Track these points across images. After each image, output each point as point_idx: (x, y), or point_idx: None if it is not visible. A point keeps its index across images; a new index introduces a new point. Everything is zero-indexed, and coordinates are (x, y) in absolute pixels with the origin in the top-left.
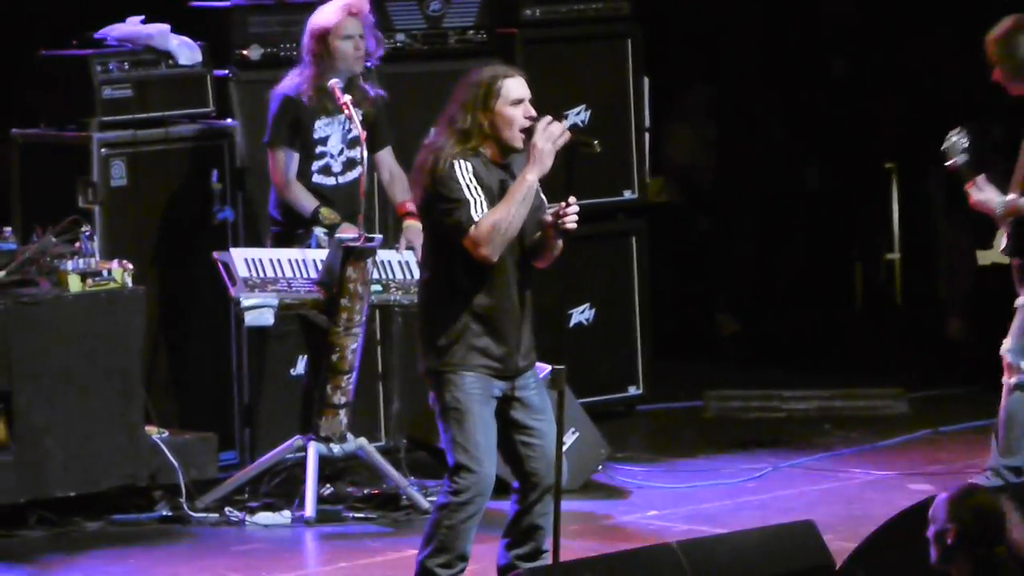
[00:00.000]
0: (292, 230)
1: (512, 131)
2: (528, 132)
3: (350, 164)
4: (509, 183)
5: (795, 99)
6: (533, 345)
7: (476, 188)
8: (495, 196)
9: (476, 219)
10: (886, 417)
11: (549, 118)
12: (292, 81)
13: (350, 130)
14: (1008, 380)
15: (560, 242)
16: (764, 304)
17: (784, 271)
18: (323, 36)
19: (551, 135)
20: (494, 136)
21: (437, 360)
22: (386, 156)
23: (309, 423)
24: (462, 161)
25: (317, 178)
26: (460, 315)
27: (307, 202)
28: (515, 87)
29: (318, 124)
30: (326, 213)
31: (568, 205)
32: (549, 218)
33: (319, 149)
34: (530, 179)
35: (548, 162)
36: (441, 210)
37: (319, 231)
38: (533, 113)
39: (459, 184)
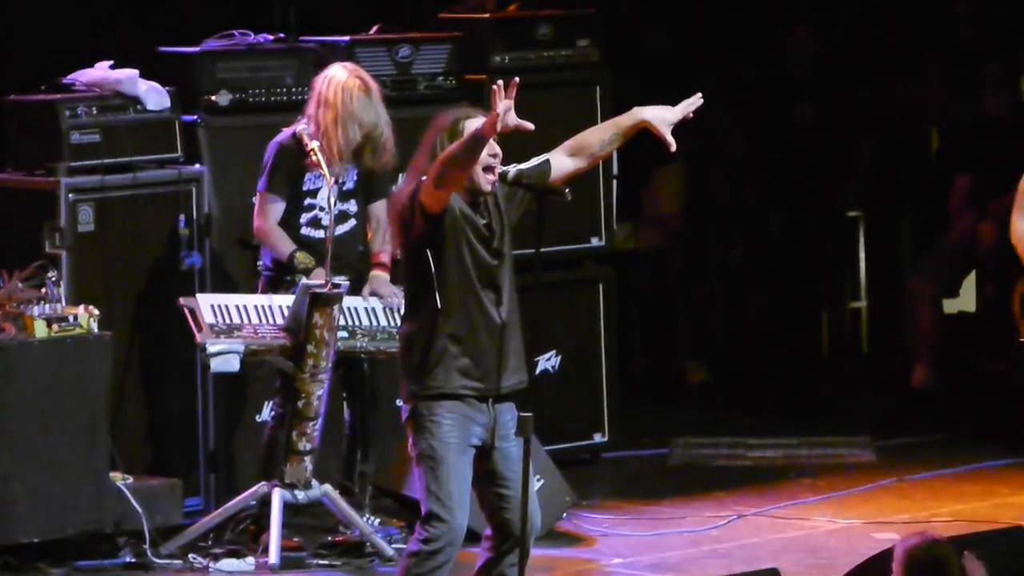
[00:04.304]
0: (281, 276)
1: (478, 169)
2: (502, 177)
3: (343, 217)
4: (477, 220)
5: (761, 143)
6: (522, 364)
7: None
8: (463, 226)
9: None
10: (852, 465)
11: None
12: (290, 130)
13: (344, 183)
14: None
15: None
16: (731, 352)
17: (751, 318)
18: (334, 92)
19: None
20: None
21: (418, 385)
22: (378, 208)
23: (271, 469)
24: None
25: (306, 230)
26: (438, 340)
27: (284, 246)
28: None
29: (309, 176)
30: (301, 258)
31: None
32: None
33: (308, 201)
34: (476, 125)
35: (494, 117)
36: (406, 212)
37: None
38: (497, 151)
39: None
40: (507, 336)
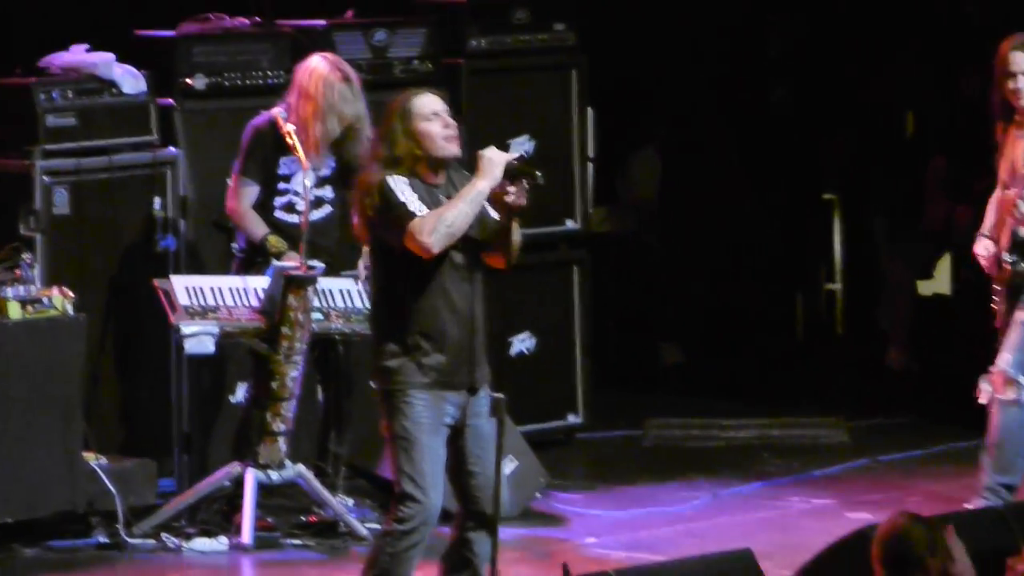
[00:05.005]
0: (253, 258)
1: (435, 142)
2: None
3: (317, 203)
4: (444, 200)
5: (736, 127)
6: (486, 360)
7: (413, 195)
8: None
9: (418, 214)
10: (825, 446)
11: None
12: (268, 113)
13: (320, 169)
14: (1004, 395)
15: (516, 228)
16: (705, 333)
17: (725, 300)
18: (315, 84)
19: (500, 152)
20: (424, 156)
21: (388, 381)
22: None
23: (244, 450)
24: (395, 176)
25: (280, 214)
26: (410, 334)
27: (257, 229)
28: (426, 102)
29: (283, 160)
30: (273, 241)
31: (511, 185)
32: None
33: (281, 185)
34: (480, 185)
35: (497, 172)
36: (381, 220)
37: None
38: (452, 123)
39: (395, 192)
40: (478, 329)
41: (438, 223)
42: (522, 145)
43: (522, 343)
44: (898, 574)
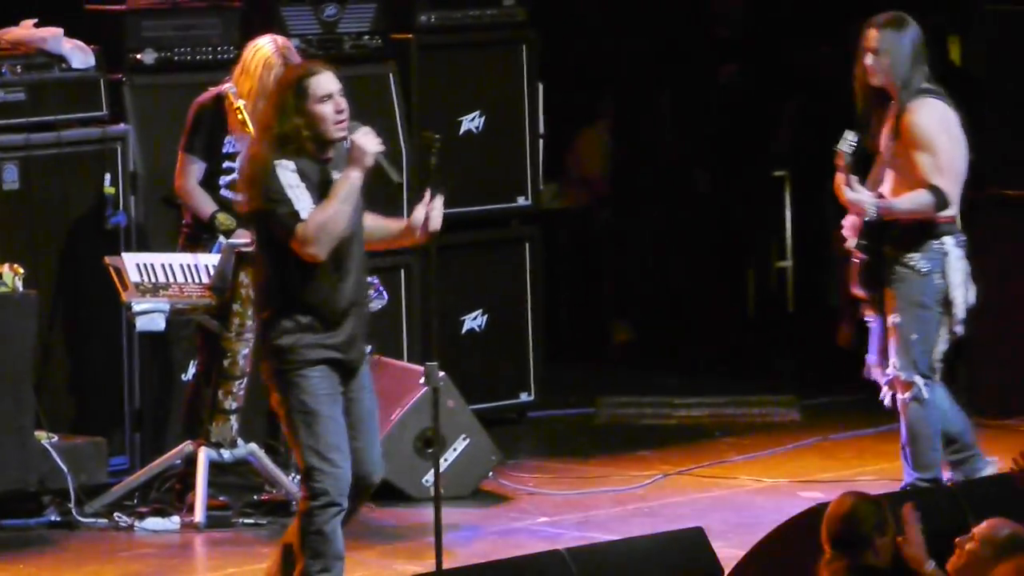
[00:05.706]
0: (199, 234)
1: (326, 125)
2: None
3: None
4: (332, 178)
5: (686, 104)
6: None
7: (300, 187)
8: (322, 194)
9: (303, 217)
10: (777, 424)
11: (368, 128)
12: (216, 90)
13: None
14: (903, 396)
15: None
16: (656, 311)
17: (676, 278)
18: (256, 64)
19: (371, 138)
20: (313, 135)
21: (281, 360)
22: None
23: (195, 427)
24: (284, 161)
25: (224, 192)
26: (300, 314)
27: (205, 207)
28: (323, 83)
29: (228, 139)
30: (222, 219)
31: (431, 200)
32: (419, 218)
33: (226, 164)
34: (353, 176)
35: (369, 161)
36: (268, 213)
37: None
38: (344, 106)
39: (282, 185)
40: (362, 304)
41: (319, 232)
42: (472, 121)
43: (473, 321)
44: (846, 553)
